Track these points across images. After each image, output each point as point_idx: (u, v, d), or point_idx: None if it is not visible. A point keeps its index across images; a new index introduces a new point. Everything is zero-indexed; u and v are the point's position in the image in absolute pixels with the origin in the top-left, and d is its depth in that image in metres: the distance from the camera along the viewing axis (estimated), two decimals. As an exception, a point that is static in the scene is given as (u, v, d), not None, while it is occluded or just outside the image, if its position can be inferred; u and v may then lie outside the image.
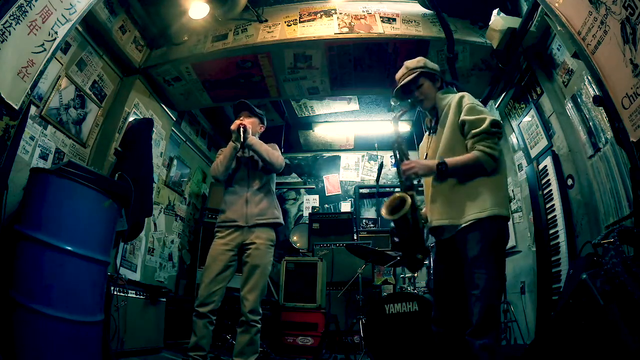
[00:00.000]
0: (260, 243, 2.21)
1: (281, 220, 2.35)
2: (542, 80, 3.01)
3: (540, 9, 2.56)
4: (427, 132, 1.90)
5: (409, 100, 1.88)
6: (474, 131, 1.59)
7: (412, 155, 1.78)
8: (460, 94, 1.72)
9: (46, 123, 2.74)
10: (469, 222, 1.56)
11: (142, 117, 3.64)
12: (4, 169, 1.90)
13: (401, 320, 2.74)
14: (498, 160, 1.59)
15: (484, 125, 1.57)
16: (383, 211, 1.70)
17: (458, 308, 1.59)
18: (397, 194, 1.69)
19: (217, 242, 2.24)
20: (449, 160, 1.60)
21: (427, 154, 1.82)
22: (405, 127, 5.59)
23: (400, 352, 2.65)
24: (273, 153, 2.32)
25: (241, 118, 2.40)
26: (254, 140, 2.30)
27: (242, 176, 2.34)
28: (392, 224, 1.71)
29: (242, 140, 2.22)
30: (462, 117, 1.63)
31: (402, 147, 1.79)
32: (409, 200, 1.62)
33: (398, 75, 1.88)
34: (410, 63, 1.86)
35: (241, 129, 2.24)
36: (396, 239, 1.73)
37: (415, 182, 1.72)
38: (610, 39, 1.68)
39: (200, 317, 2.07)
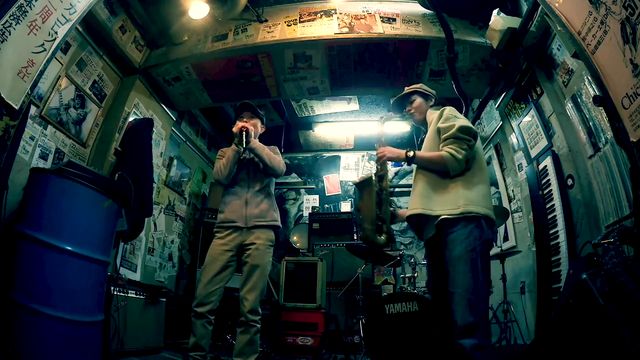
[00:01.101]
0: (260, 243, 2.20)
1: (279, 223, 2.35)
2: (542, 80, 3.01)
3: (540, 9, 2.56)
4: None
5: (402, 113, 2.10)
6: (444, 136, 1.75)
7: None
8: (445, 107, 1.90)
9: (46, 123, 2.74)
10: (446, 217, 1.64)
11: (142, 117, 3.64)
12: (4, 169, 1.90)
13: (401, 320, 2.74)
14: (462, 164, 1.69)
15: (452, 131, 1.72)
16: (353, 181, 1.92)
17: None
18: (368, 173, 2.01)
19: (216, 243, 2.23)
20: (419, 152, 1.80)
21: None
22: (405, 127, 5.59)
23: (400, 352, 2.65)
24: (275, 158, 2.32)
25: (244, 120, 2.39)
26: (256, 144, 2.29)
27: (242, 177, 2.33)
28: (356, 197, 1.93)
29: (244, 145, 2.22)
30: (438, 125, 1.81)
31: (381, 142, 2.00)
32: (372, 175, 1.93)
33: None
34: (408, 87, 2.11)
35: (243, 133, 2.23)
36: (359, 215, 1.96)
37: (395, 169, 1.93)
38: (610, 39, 1.68)
39: (199, 318, 2.07)
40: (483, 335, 1.49)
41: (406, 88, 2.11)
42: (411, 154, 1.78)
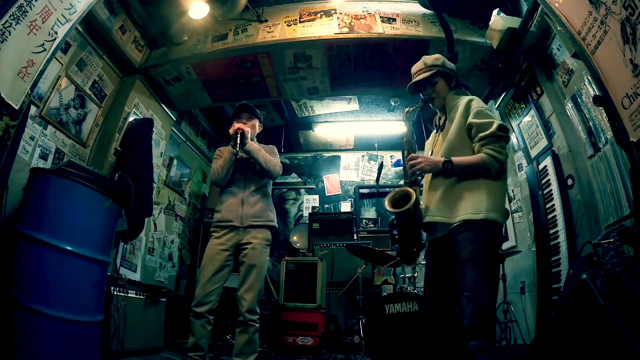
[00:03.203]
0: (256, 243, 2.20)
1: (276, 224, 2.35)
2: (542, 80, 3.01)
3: (540, 9, 2.56)
4: (435, 130, 1.90)
5: (421, 96, 1.88)
6: (481, 134, 1.59)
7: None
8: (470, 97, 1.74)
9: (46, 123, 2.74)
10: (461, 222, 1.55)
11: (142, 117, 3.64)
12: (4, 169, 1.90)
13: (401, 320, 2.74)
14: (505, 164, 1.58)
15: (492, 129, 1.57)
16: (386, 203, 1.69)
17: (447, 308, 1.59)
18: (403, 188, 1.70)
19: (213, 242, 2.23)
20: (456, 159, 1.60)
21: (432, 151, 1.83)
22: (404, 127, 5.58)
23: (400, 352, 2.65)
24: (270, 160, 2.31)
25: (242, 121, 2.39)
26: (252, 146, 2.28)
27: (238, 177, 2.33)
28: (394, 216, 1.71)
29: (237, 148, 2.22)
30: (470, 119, 1.63)
31: (410, 142, 1.79)
32: (414, 195, 1.62)
33: (414, 69, 1.88)
34: (428, 59, 1.85)
35: (238, 135, 2.23)
36: (395, 232, 1.72)
37: (420, 177, 1.74)
38: (610, 39, 1.68)
39: (198, 317, 2.07)
40: (488, 337, 1.45)
41: (425, 59, 1.85)
42: (449, 164, 1.59)
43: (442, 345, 1.61)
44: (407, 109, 1.89)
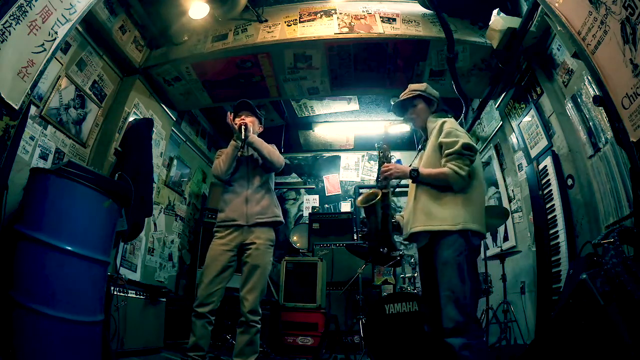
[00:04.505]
0: (260, 243, 2.21)
1: (282, 218, 2.35)
2: (542, 80, 3.01)
3: (540, 9, 2.55)
4: (419, 149, 2.12)
5: (404, 117, 2.12)
6: (447, 151, 1.78)
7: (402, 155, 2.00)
8: (445, 119, 1.93)
9: (46, 123, 2.74)
10: (440, 231, 1.71)
11: (142, 117, 3.64)
12: (4, 169, 1.90)
13: (401, 320, 2.74)
14: (466, 179, 1.73)
15: (456, 147, 1.75)
16: (358, 200, 1.96)
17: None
18: (373, 190, 1.99)
19: (216, 242, 2.23)
20: (422, 169, 1.82)
21: None
22: (406, 128, 5.59)
23: (400, 352, 2.65)
24: (274, 152, 2.34)
25: (242, 117, 2.40)
26: (254, 138, 2.31)
27: (241, 175, 2.34)
28: (363, 214, 1.97)
29: (243, 138, 2.23)
30: (440, 139, 1.83)
31: (385, 152, 2.04)
32: (380, 194, 1.92)
33: (402, 94, 2.11)
34: (413, 86, 2.09)
35: (242, 127, 2.25)
36: (365, 229, 1.98)
37: (395, 183, 1.95)
38: (610, 39, 1.68)
39: (199, 318, 2.07)
40: (472, 335, 1.55)
41: (410, 86, 2.09)
42: (415, 172, 1.80)
43: (442, 343, 1.65)
44: (387, 124, 2.17)
